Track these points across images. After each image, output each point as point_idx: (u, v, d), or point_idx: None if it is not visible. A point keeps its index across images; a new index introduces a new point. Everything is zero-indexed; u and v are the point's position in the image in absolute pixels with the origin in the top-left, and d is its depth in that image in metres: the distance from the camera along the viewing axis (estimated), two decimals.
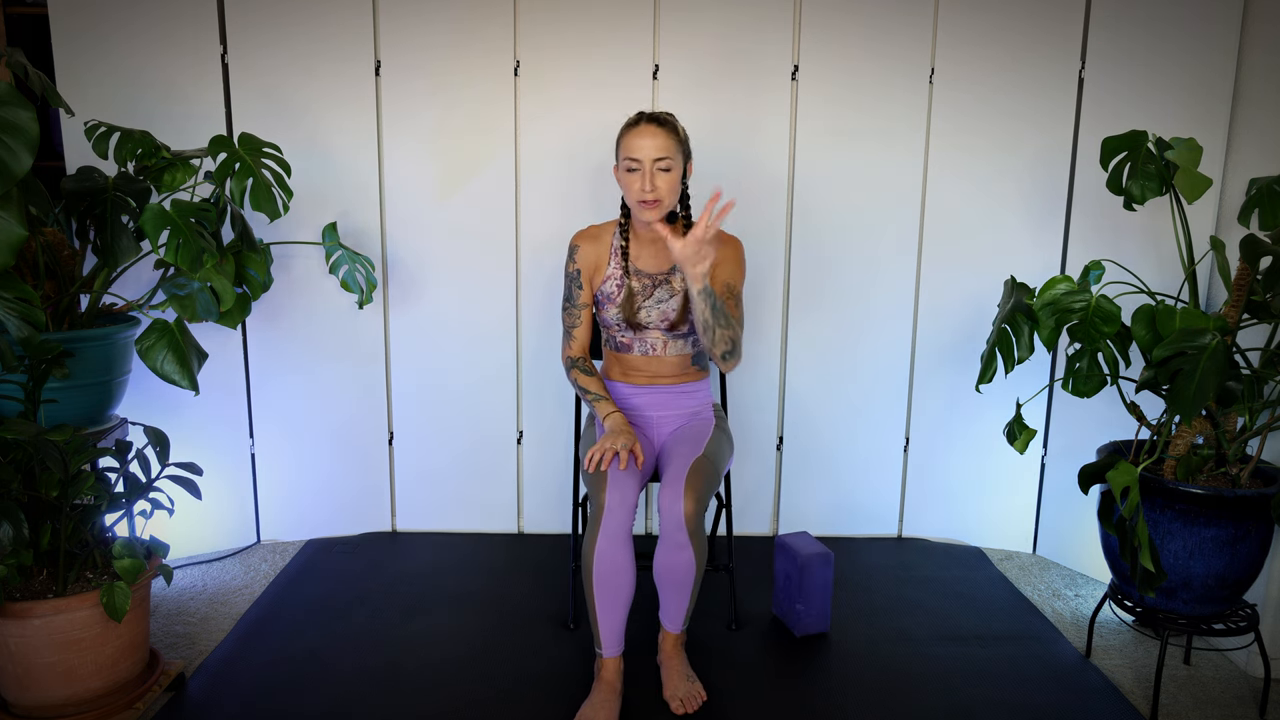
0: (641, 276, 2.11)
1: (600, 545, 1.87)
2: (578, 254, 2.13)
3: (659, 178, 1.99)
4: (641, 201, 2.00)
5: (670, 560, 1.92)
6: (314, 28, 2.58)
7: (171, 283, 2.08)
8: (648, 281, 2.11)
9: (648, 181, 1.98)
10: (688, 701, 1.97)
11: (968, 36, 2.61)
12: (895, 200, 2.73)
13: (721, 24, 2.64)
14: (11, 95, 1.68)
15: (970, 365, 2.79)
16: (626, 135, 2.01)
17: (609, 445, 1.93)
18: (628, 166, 2.00)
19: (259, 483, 2.82)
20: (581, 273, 2.13)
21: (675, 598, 1.98)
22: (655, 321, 2.11)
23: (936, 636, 2.30)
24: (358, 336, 2.77)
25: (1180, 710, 2.02)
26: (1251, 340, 2.19)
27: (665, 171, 1.99)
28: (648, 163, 1.98)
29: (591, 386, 2.11)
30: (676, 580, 1.95)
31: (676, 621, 2.02)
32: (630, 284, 2.10)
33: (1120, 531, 1.88)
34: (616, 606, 1.92)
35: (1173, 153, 1.98)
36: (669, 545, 1.91)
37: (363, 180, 2.69)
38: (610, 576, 1.89)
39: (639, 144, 1.98)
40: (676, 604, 1.99)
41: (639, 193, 1.99)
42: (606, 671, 1.96)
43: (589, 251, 2.13)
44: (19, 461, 1.80)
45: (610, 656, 1.96)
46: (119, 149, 2.18)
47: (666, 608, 2.01)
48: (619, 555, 1.88)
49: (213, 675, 2.07)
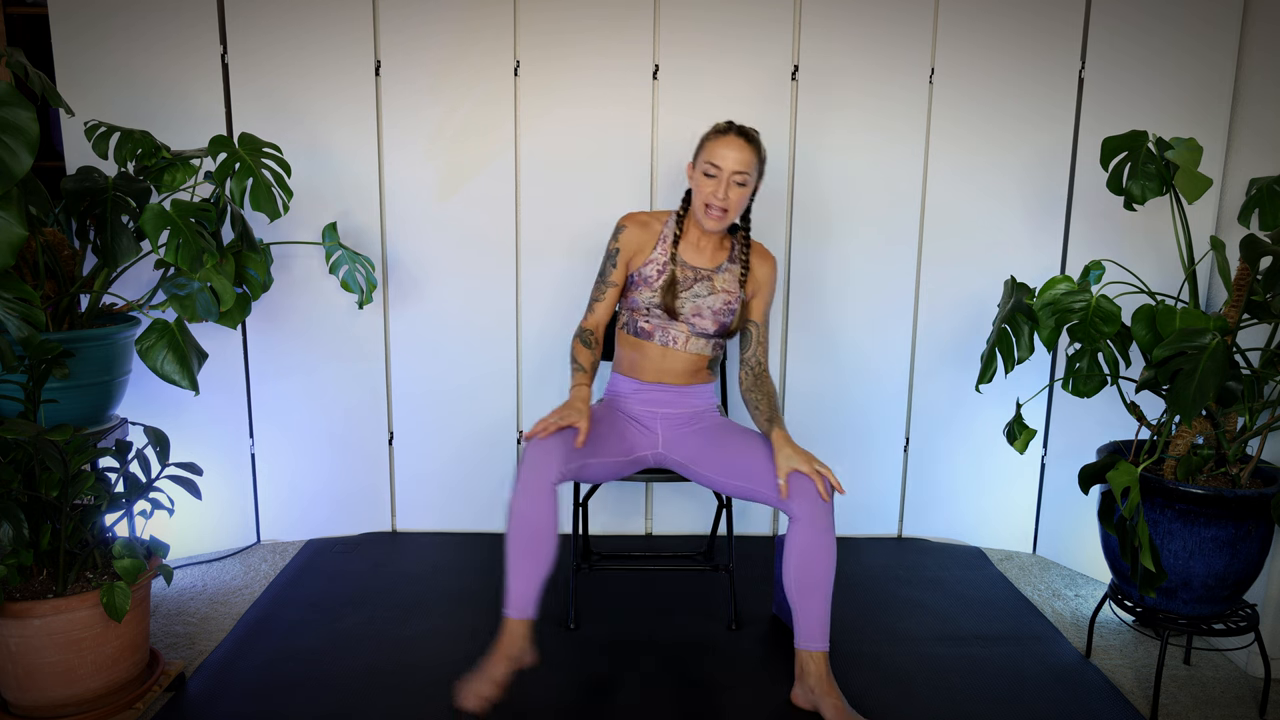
0: (685, 267, 2.16)
1: (518, 501, 1.87)
2: (622, 235, 2.18)
3: (733, 190, 2.05)
4: (708, 205, 2.06)
5: (813, 546, 1.89)
6: (314, 28, 2.58)
7: (171, 283, 2.08)
8: (690, 273, 2.16)
9: (722, 190, 2.05)
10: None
11: (968, 36, 2.61)
12: (895, 200, 2.73)
13: (721, 24, 2.64)
14: (11, 95, 1.68)
15: (970, 365, 2.79)
16: (713, 141, 2.07)
17: (555, 420, 1.93)
18: (706, 171, 2.06)
19: (259, 483, 2.82)
20: (620, 252, 2.17)
21: (817, 600, 1.90)
22: (688, 315, 2.14)
23: (936, 636, 2.30)
24: (358, 336, 2.77)
25: (1180, 710, 2.02)
26: (1251, 340, 2.19)
27: (740, 186, 2.06)
28: (727, 173, 2.04)
29: (581, 358, 2.12)
30: (818, 575, 1.89)
31: (822, 633, 1.91)
32: (674, 271, 2.14)
33: (1120, 531, 1.88)
34: (525, 562, 1.87)
35: (1173, 153, 1.98)
36: (811, 531, 1.89)
37: (363, 180, 2.69)
38: (522, 529, 1.86)
39: (723, 153, 2.04)
40: (820, 608, 1.91)
41: (710, 197, 2.05)
42: (506, 634, 1.89)
43: (633, 235, 2.18)
44: (19, 461, 1.80)
45: (511, 617, 1.89)
46: (119, 149, 2.18)
47: (806, 619, 1.91)
48: (533, 511, 1.86)
49: (213, 675, 2.07)
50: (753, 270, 2.20)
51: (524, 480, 1.88)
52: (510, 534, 1.88)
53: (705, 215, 2.08)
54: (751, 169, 2.06)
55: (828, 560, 1.90)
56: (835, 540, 1.92)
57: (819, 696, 1.90)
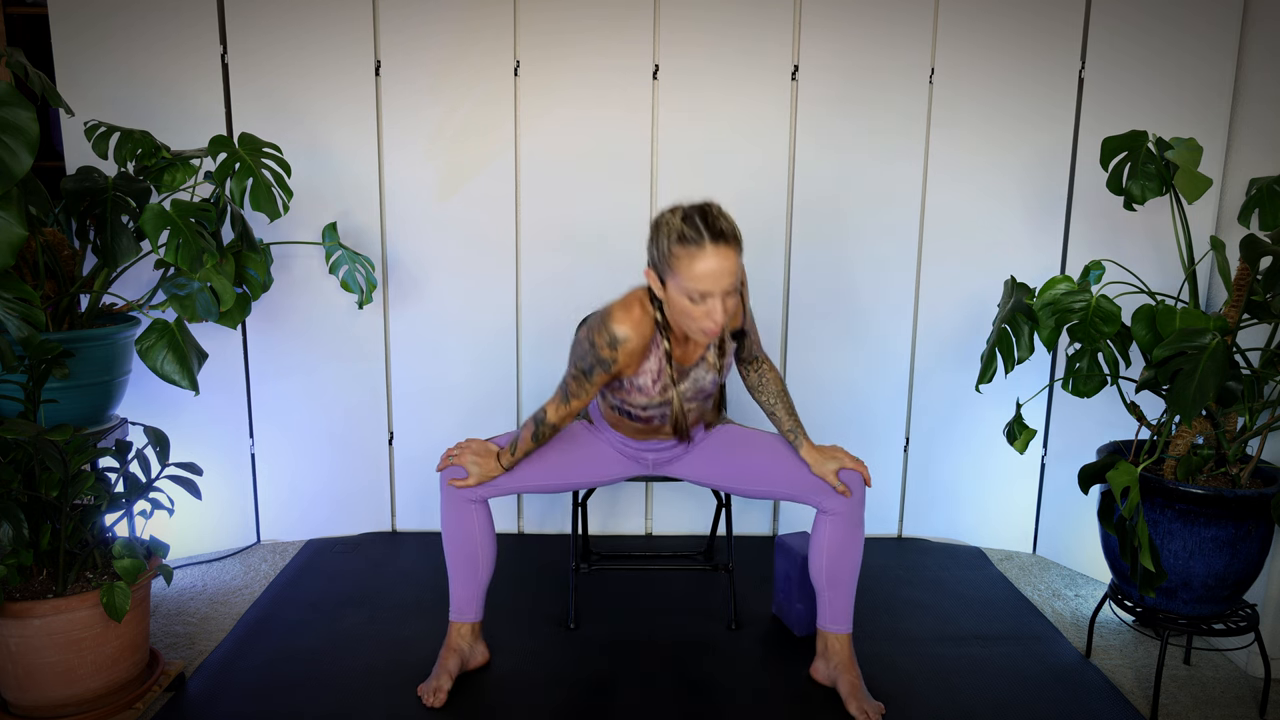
0: (684, 376, 1.93)
1: (442, 518, 2.01)
2: (623, 348, 1.80)
3: (728, 301, 1.72)
4: (704, 329, 1.73)
5: (847, 540, 1.97)
6: (314, 28, 2.58)
7: (171, 283, 2.08)
8: (684, 370, 1.93)
9: (718, 312, 1.70)
10: (873, 713, 1.93)
11: (968, 37, 2.61)
12: (895, 200, 2.73)
13: (721, 24, 2.64)
14: (11, 95, 1.68)
15: (970, 365, 2.79)
16: (689, 258, 1.67)
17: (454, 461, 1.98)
18: (691, 297, 1.69)
19: (259, 483, 2.82)
20: (615, 364, 1.83)
21: (845, 588, 1.99)
22: (689, 396, 1.95)
23: (936, 636, 2.30)
24: (358, 336, 2.77)
25: (1180, 710, 2.02)
26: (1251, 340, 2.19)
27: (732, 294, 1.72)
28: (719, 294, 1.69)
29: (520, 447, 1.96)
30: (848, 567, 1.99)
31: (847, 617, 2.01)
32: (676, 395, 1.91)
33: (1120, 531, 1.88)
34: (458, 570, 2.01)
35: (1173, 153, 1.98)
36: (847, 525, 1.97)
37: (363, 180, 2.69)
38: (450, 542, 2.01)
39: (710, 273, 1.67)
40: (847, 595, 1.99)
41: (704, 321, 1.71)
42: (449, 634, 2.06)
43: (636, 348, 1.82)
44: (19, 461, 1.80)
45: (452, 620, 2.05)
46: (119, 149, 2.18)
47: (834, 604, 2.00)
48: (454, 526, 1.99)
49: (213, 675, 2.07)
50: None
51: (443, 499, 2.01)
52: (444, 546, 2.04)
53: (702, 335, 1.76)
54: (740, 271, 1.73)
55: (857, 553, 2.00)
56: (864, 533, 2.01)
57: (839, 673, 2.01)
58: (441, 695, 1.96)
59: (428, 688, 1.98)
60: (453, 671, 2.01)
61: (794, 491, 2.01)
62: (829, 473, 1.97)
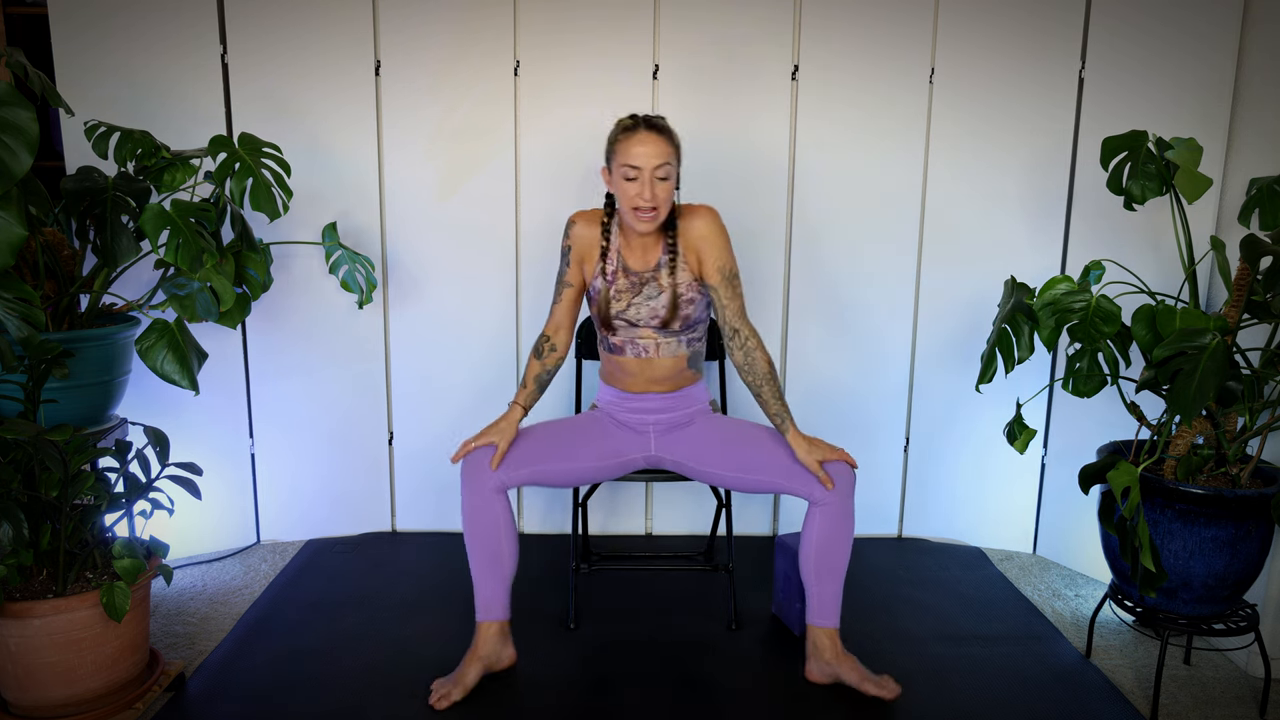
0: (630, 274, 2.07)
1: (463, 512, 2.01)
2: (573, 230, 2.10)
3: (658, 186, 1.95)
4: (637, 209, 1.96)
5: (836, 532, 1.99)
6: (314, 28, 2.58)
7: (171, 283, 2.08)
8: (635, 279, 2.07)
9: (647, 190, 1.94)
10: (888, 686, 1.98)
11: (968, 37, 2.61)
12: (895, 200, 2.73)
13: (721, 24, 2.64)
14: (11, 95, 1.68)
15: (970, 365, 2.79)
16: (624, 140, 1.96)
17: (474, 443, 2.02)
18: (625, 175, 1.95)
19: (259, 483, 2.82)
20: (573, 249, 2.10)
21: (833, 581, 2.01)
22: (645, 319, 2.07)
23: (936, 636, 2.30)
24: (358, 336, 2.77)
25: (1180, 710, 2.02)
26: (1251, 340, 2.19)
27: (664, 180, 1.96)
28: (647, 171, 1.94)
29: (528, 372, 2.15)
30: (837, 559, 2.01)
31: (835, 611, 2.03)
32: (607, 291, 2.07)
33: (1120, 531, 1.88)
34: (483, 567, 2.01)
35: (1173, 153, 1.98)
36: (835, 516, 1.99)
37: (363, 180, 2.69)
38: (473, 537, 2.00)
39: (638, 151, 1.94)
40: (835, 588, 2.01)
41: (636, 200, 1.95)
42: (477, 637, 2.03)
43: (584, 234, 2.10)
44: (19, 461, 1.80)
45: (480, 620, 2.03)
46: (119, 149, 2.18)
47: (821, 598, 2.02)
48: (477, 519, 1.99)
49: (213, 675, 2.07)
50: (681, 234, 2.04)
51: (465, 492, 2.01)
52: (466, 543, 2.02)
53: (637, 219, 1.97)
54: (671, 159, 1.96)
55: (846, 545, 2.01)
56: (854, 525, 2.02)
57: (836, 666, 2.02)
58: (446, 702, 1.95)
59: (440, 688, 1.98)
60: (469, 684, 1.98)
61: (788, 482, 2.03)
62: (813, 463, 1.99)
